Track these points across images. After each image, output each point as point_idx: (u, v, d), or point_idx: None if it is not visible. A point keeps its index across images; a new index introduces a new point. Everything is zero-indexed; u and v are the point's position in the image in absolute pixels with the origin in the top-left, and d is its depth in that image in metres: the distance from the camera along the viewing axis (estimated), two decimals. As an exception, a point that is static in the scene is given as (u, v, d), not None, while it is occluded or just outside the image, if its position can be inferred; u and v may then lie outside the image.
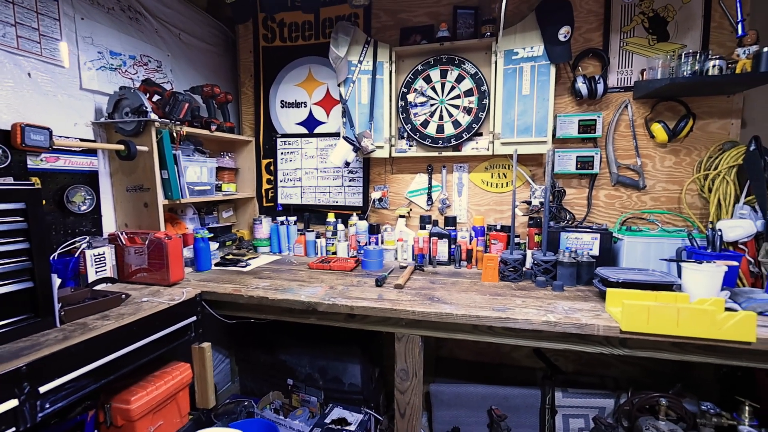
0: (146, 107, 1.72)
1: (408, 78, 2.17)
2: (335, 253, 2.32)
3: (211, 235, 2.19)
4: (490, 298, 1.54)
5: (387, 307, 1.45)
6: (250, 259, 2.21)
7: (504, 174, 2.21)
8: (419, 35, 2.18)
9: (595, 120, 1.97)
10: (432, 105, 2.16)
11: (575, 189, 2.11)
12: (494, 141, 2.04)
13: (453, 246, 2.09)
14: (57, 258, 1.57)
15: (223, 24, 2.56)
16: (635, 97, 1.96)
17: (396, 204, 2.41)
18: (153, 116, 1.75)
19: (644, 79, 1.89)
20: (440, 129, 2.15)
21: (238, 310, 1.69)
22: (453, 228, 2.19)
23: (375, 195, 2.37)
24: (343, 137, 2.19)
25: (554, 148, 2.02)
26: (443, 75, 2.12)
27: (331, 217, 2.36)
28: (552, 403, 1.71)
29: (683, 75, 1.73)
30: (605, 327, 1.26)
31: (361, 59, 2.18)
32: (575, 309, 1.40)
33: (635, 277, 1.46)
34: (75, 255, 1.60)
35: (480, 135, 2.12)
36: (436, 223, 2.26)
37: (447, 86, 2.13)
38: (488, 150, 2.07)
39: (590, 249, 1.81)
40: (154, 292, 1.58)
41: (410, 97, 2.17)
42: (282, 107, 2.54)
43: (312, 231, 2.39)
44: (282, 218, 2.44)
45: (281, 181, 2.61)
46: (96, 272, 1.64)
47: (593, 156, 2.00)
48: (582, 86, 1.94)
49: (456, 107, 2.12)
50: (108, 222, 1.85)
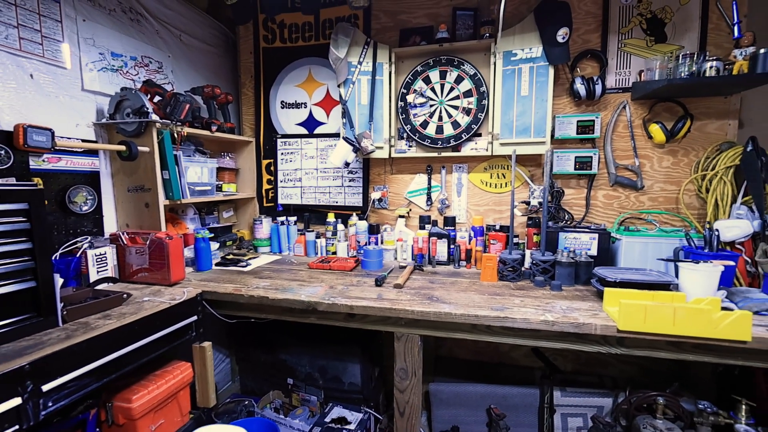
0: (147, 108, 1.73)
1: (407, 79, 2.18)
2: (335, 253, 2.33)
3: (212, 235, 2.20)
4: (489, 298, 1.55)
5: (386, 307, 1.46)
6: (251, 259, 2.22)
7: (503, 174, 2.22)
8: (419, 36, 2.19)
9: (594, 121, 1.98)
10: (431, 106, 2.17)
11: (574, 189, 2.12)
12: (493, 141, 2.05)
13: (452, 246, 2.10)
14: (59, 258, 1.58)
15: (224, 25, 2.57)
16: (633, 98, 1.97)
17: (395, 204, 2.42)
18: (154, 117, 1.76)
19: (642, 80, 1.90)
20: (439, 129, 2.16)
21: (239, 310, 1.70)
22: (452, 228, 2.20)
23: (375, 195, 2.39)
24: (343, 138, 2.20)
25: (553, 149, 2.03)
26: (442, 76, 2.13)
27: (331, 217, 2.37)
28: (550, 402, 1.72)
29: (681, 76, 1.74)
30: (603, 326, 1.27)
31: (361, 60, 2.19)
32: (573, 308, 1.41)
33: (633, 277, 1.47)
34: (77, 255, 1.61)
35: (479, 135, 2.13)
36: (436, 223, 2.27)
37: (446, 87, 2.14)
38: (487, 150, 2.08)
39: (588, 249, 1.82)
40: (155, 292, 1.59)
41: (410, 98, 2.18)
42: (282, 108, 2.55)
43: (312, 231, 2.40)
44: (282, 218, 2.45)
45: (281, 182, 2.62)
46: (97, 272, 1.65)
47: (591, 156, 2.01)
48: (580, 87, 1.96)
49: (455, 108, 2.13)
50: (109, 222, 1.87)
